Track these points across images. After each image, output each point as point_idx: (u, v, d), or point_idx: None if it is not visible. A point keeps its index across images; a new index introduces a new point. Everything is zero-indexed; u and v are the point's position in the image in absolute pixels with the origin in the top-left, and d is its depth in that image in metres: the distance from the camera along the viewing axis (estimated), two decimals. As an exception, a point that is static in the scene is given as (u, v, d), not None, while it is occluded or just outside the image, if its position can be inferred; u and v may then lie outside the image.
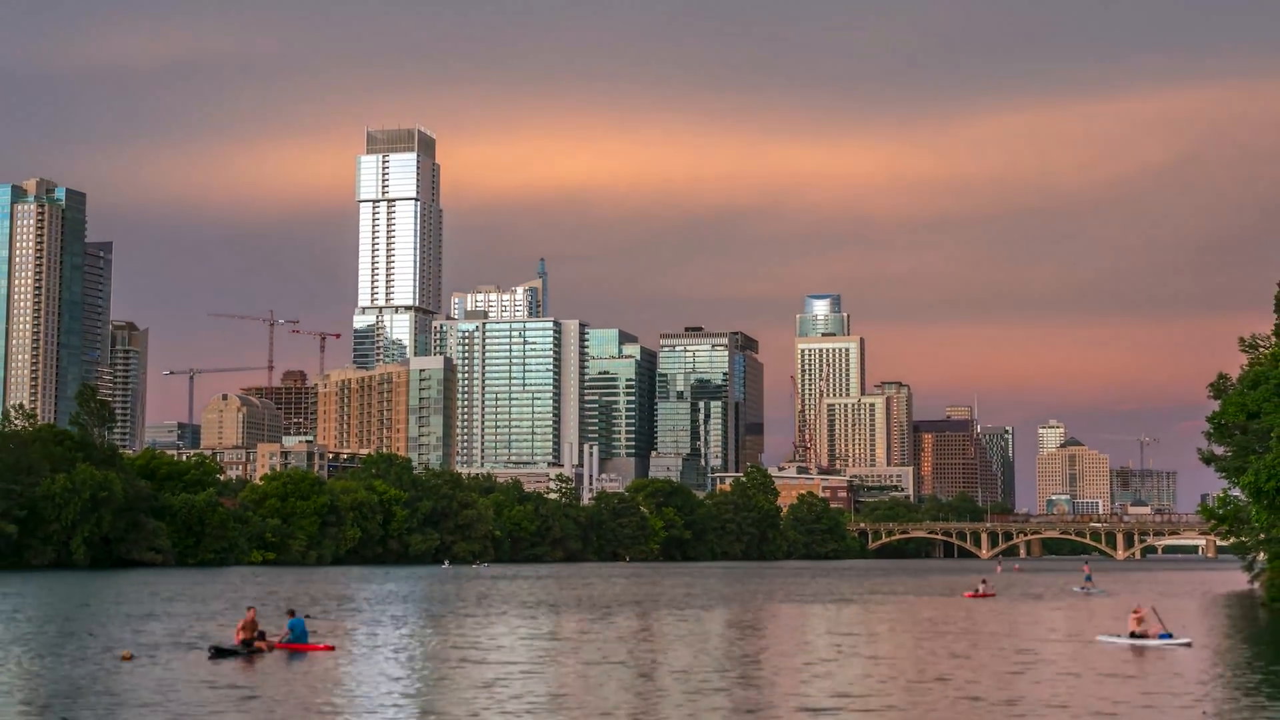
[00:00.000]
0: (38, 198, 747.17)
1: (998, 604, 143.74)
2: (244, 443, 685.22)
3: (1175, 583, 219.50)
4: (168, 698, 55.30)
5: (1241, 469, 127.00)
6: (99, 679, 61.63)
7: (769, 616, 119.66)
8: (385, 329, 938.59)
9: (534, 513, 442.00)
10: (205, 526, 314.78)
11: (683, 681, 61.81)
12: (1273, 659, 77.62)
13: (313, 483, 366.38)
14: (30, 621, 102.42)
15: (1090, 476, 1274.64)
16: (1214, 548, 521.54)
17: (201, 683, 60.64)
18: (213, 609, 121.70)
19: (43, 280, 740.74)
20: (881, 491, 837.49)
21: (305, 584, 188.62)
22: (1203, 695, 57.06)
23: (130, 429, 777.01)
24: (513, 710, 52.39)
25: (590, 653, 77.30)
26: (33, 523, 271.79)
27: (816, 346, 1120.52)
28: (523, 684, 60.89)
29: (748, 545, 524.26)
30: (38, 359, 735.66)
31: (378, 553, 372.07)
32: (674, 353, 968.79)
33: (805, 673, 66.65)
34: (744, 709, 53.33)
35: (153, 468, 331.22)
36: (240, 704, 53.76)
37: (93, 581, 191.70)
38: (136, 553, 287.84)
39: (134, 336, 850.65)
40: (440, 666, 69.95)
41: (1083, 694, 57.27)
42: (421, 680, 63.63)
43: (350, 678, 63.97)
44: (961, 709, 53.36)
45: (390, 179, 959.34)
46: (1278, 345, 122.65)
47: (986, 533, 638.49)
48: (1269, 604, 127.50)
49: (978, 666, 69.54)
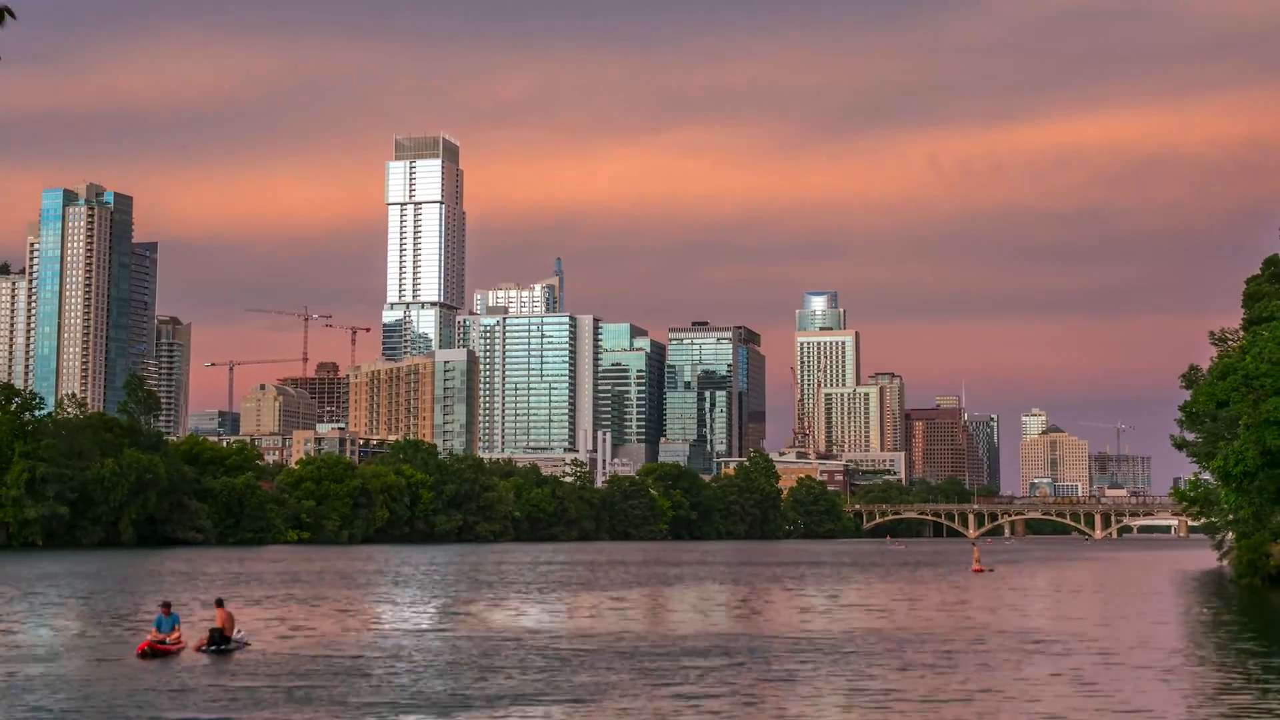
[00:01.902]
0: (88, 201, 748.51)
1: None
2: (280, 430, 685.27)
3: (1149, 562, 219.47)
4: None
5: (1211, 454, 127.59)
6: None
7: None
8: (412, 324, 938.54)
9: (551, 495, 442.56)
10: (244, 507, 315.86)
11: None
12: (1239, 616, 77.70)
13: (345, 467, 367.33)
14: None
15: (1070, 461, 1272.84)
16: (1186, 528, 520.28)
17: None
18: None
19: (92, 278, 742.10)
20: (875, 475, 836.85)
21: (370, 561, 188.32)
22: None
23: (174, 417, 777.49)
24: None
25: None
26: (83, 504, 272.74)
27: (815, 340, 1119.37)
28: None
29: (750, 526, 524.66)
30: (88, 351, 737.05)
31: (405, 532, 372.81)
32: (682, 346, 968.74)
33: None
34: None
35: (195, 453, 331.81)
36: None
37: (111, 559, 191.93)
38: (180, 532, 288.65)
39: (177, 330, 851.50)
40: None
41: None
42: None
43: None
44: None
45: (417, 184, 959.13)
46: (1245, 339, 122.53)
47: (973, 514, 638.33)
48: (1236, 580, 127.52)
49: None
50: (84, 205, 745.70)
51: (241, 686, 48.37)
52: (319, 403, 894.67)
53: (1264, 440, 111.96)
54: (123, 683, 49.61)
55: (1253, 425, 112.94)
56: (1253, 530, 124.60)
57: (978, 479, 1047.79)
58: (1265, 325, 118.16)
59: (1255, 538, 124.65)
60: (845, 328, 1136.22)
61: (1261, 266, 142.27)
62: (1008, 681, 50.14)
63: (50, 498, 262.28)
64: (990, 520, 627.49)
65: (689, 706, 43.37)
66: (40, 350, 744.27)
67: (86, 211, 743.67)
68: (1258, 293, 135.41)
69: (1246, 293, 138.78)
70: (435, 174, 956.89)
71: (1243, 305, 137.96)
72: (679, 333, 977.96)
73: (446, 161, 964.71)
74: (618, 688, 48.02)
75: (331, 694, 46.45)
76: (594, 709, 43.40)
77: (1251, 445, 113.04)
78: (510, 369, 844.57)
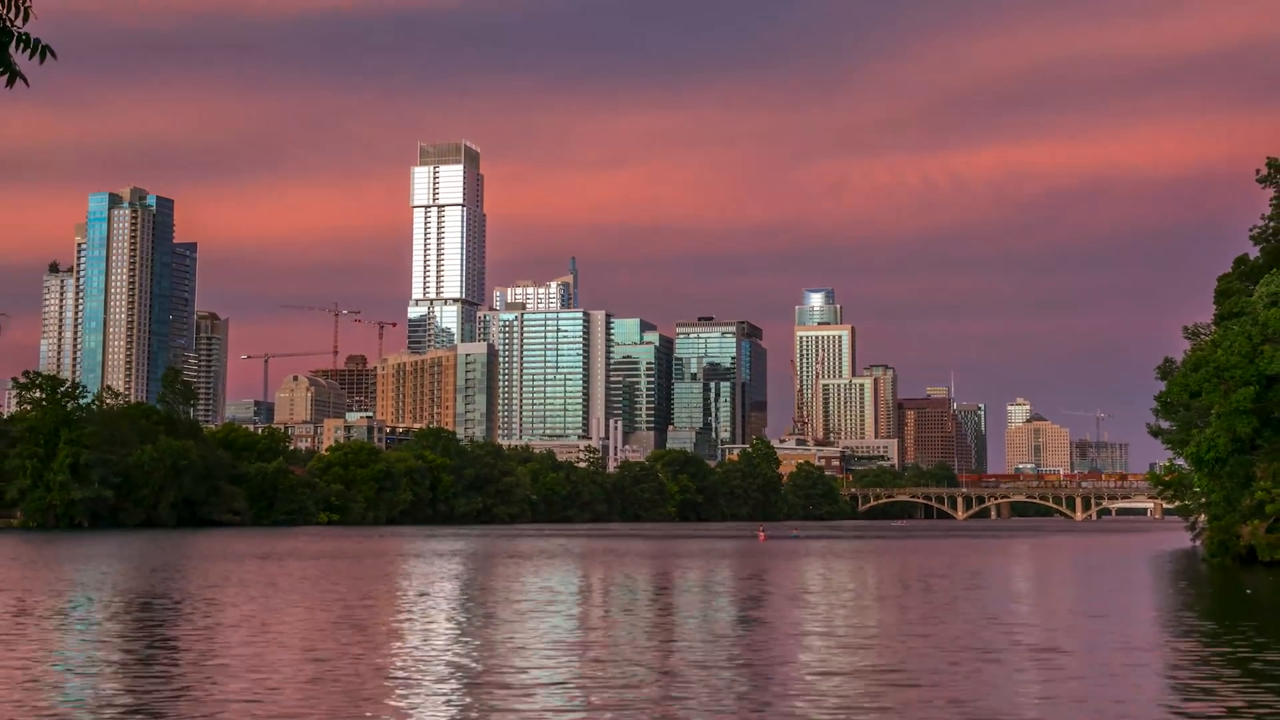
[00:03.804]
0: (131, 204, 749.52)
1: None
2: (312, 418, 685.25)
3: (1126, 544, 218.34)
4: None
5: (1185, 441, 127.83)
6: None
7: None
8: (436, 319, 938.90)
9: (565, 479, 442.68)
10: (277, 491, 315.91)
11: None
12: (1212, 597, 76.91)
13: (371, 453, 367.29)
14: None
15: (1053, 448, 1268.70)
16: (1161, 510, 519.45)
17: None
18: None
19: (136, 276, 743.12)
20: (870, 461, 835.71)
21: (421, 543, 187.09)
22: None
23: (213, 406, 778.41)
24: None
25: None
26: (126, 488, 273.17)
27: (813, 334, 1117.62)
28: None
29: (753, 508, 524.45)
30: (132, 345, 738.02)
31: (427, 514, 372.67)
32: (689, 339, 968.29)
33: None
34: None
35: (231, 439, 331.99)
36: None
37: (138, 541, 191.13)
38: (216, 514, 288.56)
39: (216, 326, 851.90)
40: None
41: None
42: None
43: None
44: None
45: (440, 188, 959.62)
46: (1217, 333, 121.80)
47: (961, 497, 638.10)
48: (1208, 560, 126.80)
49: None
50: (128, 208, 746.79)
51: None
52: (348, 393, 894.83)
53: (1234, 428, 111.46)
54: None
55: (1223, 414, 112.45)
56: (1224, 513, 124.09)
57: (966, 464, 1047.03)
58: (1235, 320, 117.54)
59: (1226, 520, 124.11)
60: (841, 323, 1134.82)
61: (1232, 265, 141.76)
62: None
63: (94, 482, 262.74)
64: (977, 503, 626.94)
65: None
66: (87, 344, 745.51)
67: (130, 214, 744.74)
68: (1228, 290, 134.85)
69: (1218, 290, 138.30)
70: (457, 179, 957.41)
71: (1214, 302, 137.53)
72: (686, 328, 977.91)
73: (468, 167, 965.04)
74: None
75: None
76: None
77: (1222, 433, 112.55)
78: (528, 361, 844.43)
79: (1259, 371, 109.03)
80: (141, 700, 36.16)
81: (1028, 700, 36.78)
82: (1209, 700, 36.99)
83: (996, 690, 38.59)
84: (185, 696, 36.86)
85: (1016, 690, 38.68)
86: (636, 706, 35.10)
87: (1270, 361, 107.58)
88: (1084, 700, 36.89)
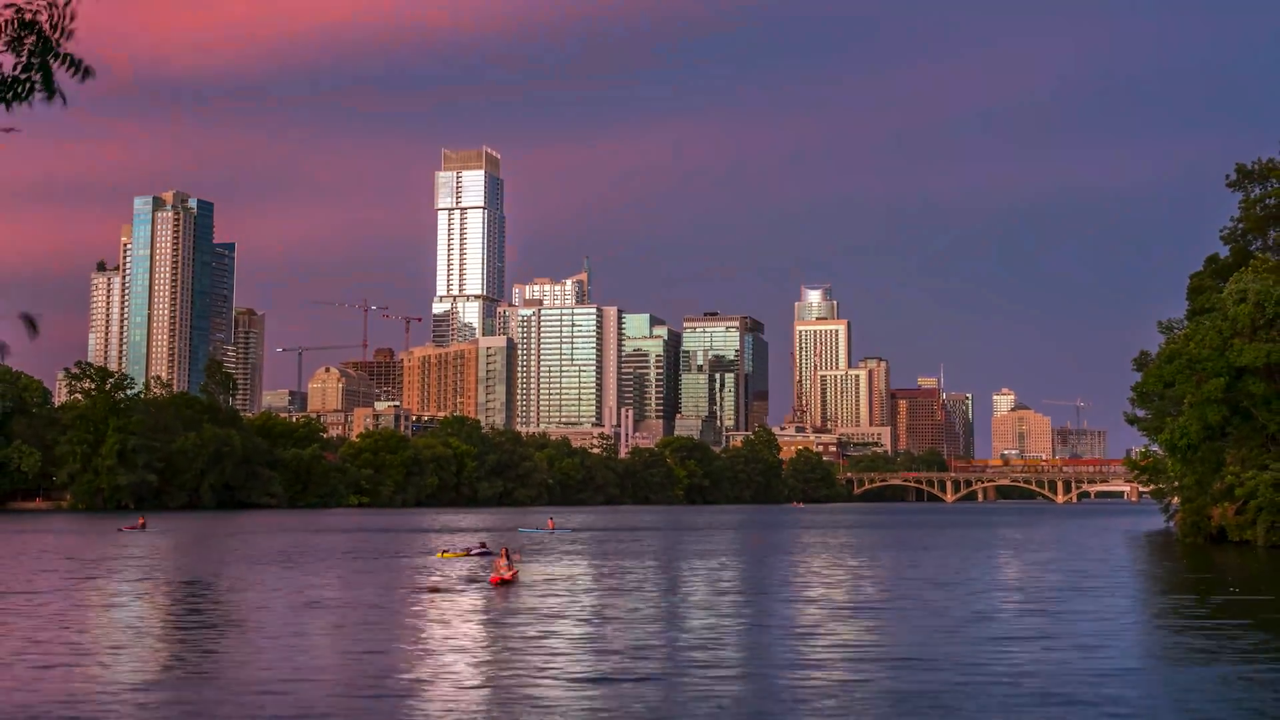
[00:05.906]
0: (174, 206, 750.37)
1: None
2: (343, 407, 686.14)
3: (1103, 526, 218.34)
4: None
5: (1160, 429, 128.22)
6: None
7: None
8: (459, 314, 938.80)
9: (580, 464, 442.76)
10: (311, 476, 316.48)
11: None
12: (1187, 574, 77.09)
13: (399, 440, 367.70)
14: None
15: (1036, 435, 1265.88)
16: (1137, 494, 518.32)
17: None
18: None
19: (178, 275, 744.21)
20: (865, 447, 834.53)
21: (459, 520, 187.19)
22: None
23: (250, 396, 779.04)
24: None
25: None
26: (169, 473, 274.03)
27: (812, 328, 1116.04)
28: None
29: (755, 491, 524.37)
30: (174, 339, 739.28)
31: (452, 497, 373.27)
32: (695, 333, 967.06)
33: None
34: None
35: (268, 427, 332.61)
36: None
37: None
38: (254, 497, 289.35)
39: (253, 321, 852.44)
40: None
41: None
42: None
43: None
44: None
45: (463, 191, 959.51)
46: (1189, 328, 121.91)
47: (950, 481, 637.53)
48: (1181, 540, 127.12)
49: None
50: (171, 210, 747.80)
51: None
52: (377, 383, 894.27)
53: (1205, 417, 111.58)
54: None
55: (1196, 403, 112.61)
56: (1196, 496, 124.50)
57: (955, 450, 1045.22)
58: (1206, 315, 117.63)
59: (1198, 502, 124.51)
60: (838, 317, 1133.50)
61: (1204, 264, 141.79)
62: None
63: (140, 466, 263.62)
64: (965, 486, 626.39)
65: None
66: (132, 338, 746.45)
67: (173, 216, 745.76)
68: (1200, 286, 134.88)
69: (1190, 287, 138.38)
70: (479, 182, 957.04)
71: (1187, 298, 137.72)
72: (693, 322, 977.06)
73: (489, 171, 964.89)
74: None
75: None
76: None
77: (1195, 421, 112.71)
78: (545, 354, 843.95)
79: (1229, 364, 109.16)
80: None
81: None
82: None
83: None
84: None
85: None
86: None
87: (1239, 354, 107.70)
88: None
